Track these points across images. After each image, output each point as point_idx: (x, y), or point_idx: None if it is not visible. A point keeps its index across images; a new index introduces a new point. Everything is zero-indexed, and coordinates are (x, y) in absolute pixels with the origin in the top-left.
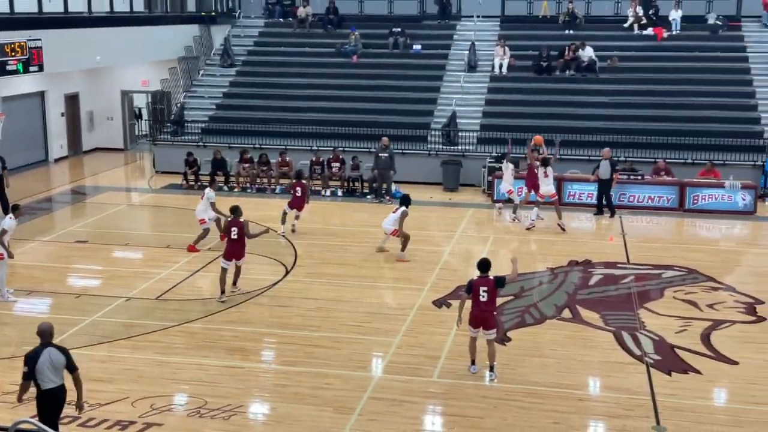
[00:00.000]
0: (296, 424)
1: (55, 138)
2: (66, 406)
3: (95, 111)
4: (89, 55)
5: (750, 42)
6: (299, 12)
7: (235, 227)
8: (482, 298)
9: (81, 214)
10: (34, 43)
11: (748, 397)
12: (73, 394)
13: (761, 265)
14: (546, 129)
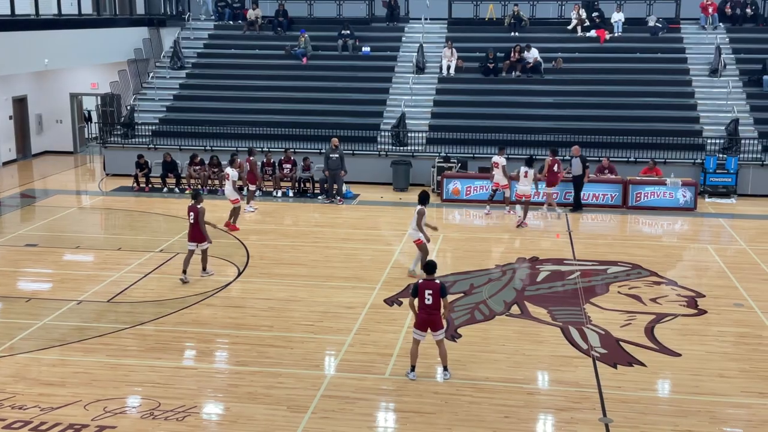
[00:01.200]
0: (250, 423)
1: (2, 141)
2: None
3: (44, 114)
4: (37, 58)
5: (689, 43)
6: (249, 14)
7: (192, 212)
8: (427, 301)
9: (30, 217)
10: None
11: (691, 388)
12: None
13: (701, 259)
14: (493, 129)
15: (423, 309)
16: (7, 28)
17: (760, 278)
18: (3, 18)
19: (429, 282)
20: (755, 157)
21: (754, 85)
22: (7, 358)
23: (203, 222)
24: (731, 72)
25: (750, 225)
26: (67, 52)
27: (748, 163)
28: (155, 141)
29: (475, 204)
